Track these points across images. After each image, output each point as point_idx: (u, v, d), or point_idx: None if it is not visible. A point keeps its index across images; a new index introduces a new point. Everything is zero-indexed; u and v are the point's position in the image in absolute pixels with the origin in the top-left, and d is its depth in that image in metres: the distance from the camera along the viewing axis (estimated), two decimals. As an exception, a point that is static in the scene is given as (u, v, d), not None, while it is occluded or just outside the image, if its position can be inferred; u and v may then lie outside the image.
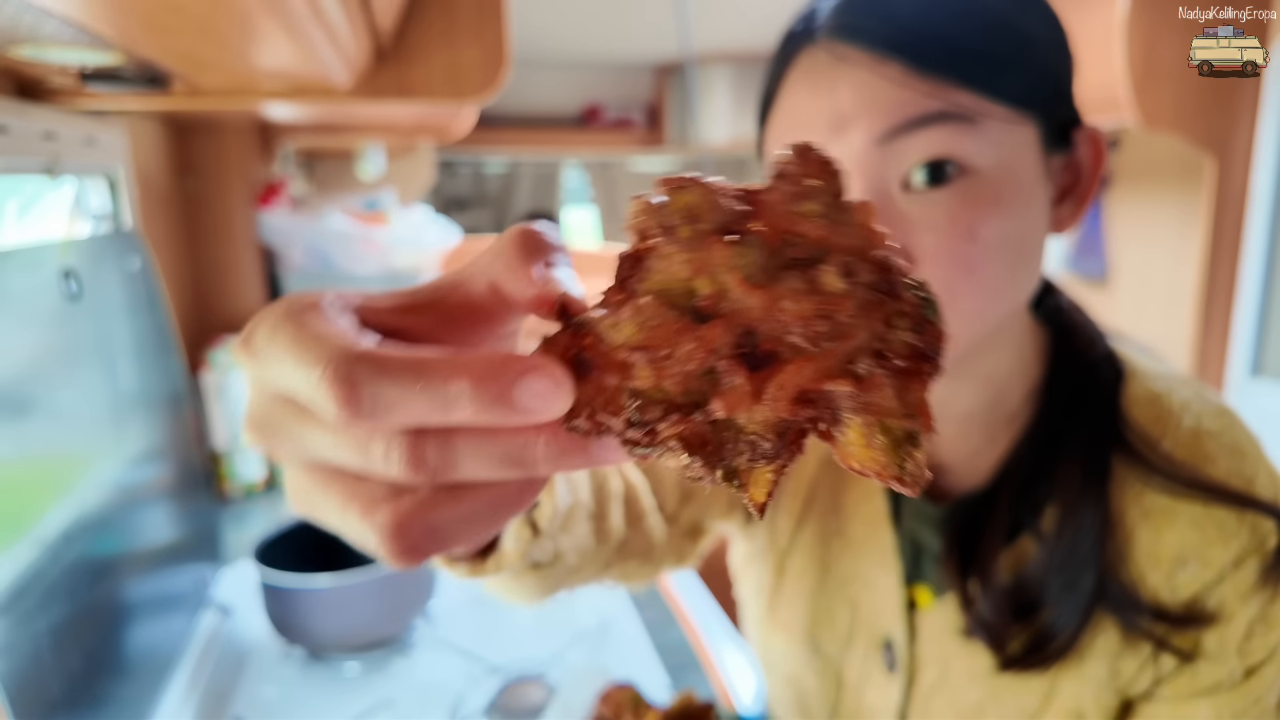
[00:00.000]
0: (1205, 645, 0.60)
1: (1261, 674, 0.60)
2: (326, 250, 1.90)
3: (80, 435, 0.92)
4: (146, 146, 1.62)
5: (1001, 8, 0.54)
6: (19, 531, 0.75)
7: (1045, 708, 0.63)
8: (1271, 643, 0.60)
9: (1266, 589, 0.59)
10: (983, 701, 0.65)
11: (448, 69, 1.24)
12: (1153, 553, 0.60)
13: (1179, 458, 0.61)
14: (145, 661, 0.98)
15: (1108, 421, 0.62)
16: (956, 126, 0.51)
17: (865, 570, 0.72)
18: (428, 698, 1.06)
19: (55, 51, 0.83)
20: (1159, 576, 0.60)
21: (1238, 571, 0.59)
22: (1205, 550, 0.59)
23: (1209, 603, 0.60)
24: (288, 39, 0.77)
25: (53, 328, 0.88)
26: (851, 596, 0.73)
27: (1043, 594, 0.61)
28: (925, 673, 0.69)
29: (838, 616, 0.75)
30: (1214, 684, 0.61)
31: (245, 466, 1.73)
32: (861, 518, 0.73)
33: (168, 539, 1.11)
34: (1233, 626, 0.59)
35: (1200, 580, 0.59)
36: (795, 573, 0.77)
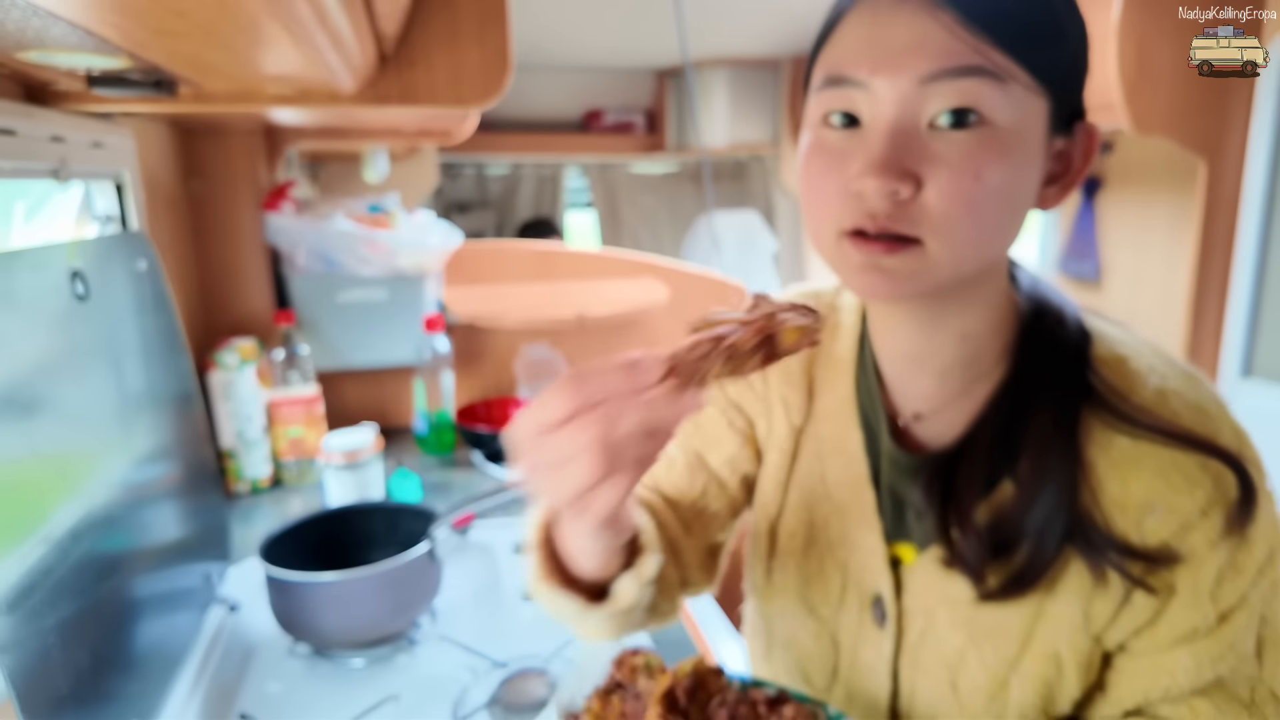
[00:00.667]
0: (1179, 591, 0.64)
1: (1234, 619, 0.64)
2: (331, 252, 1.91)
3: (88, 434, 0.93)
4: (153, 149, 1.64)
5: None
6: (27, 529, 0.76)
7: (1024, 652, 0.68)
8: (1241, 588, 0.64)
9: (1232, 537, 0.63)
10: (965, 649, 0.70)
11: (450, 74, 1.26)
12: (1120, 500, 0.64)
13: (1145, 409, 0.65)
14: (152, 658, 0.99)
15: (1077, 376, 0.67)
16: (988, 81, 0.57)
17: (851, 532, 0.77)
18: (432, 692, 1.06)
19: (62, 56, 0.84)
20: (1127, 522, 0.64)
21: (1205, 520, 0.63)
22: (1171, 498, 0.63)
23: (1179, 549, 0.63)
24: (293, 44, 0.78)
25: (61, 328, 0.89)
26: (841, 560, 0.78)
27: (1018, 533, 0.66)
28: (912, 626, 0.74)
29: (829, 579, 0.79)
30: (1191, 631, 0.65)
31: (252, 465, 1.75)
32: (844, 481, 0.78)
33: (176, 536, 1.12)
34: (1204, 573, 0.63)
35: (1167, 528, 0.63)
36: (785, 538, 0.83)
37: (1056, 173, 0.65)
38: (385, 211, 2.03)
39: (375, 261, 1.93)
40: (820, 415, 0.81)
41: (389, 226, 1.99)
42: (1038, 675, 0.69)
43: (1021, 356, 0.70)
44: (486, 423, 2.12)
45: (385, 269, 1.95)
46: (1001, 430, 0.68)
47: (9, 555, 0.72)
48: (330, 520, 1.28)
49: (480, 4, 1.24)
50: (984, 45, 0.57)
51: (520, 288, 2.35)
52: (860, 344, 0.80)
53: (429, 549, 1.15)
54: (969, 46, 0.57)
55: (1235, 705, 0.67)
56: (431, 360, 1.96)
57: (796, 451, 0.82)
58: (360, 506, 1.33)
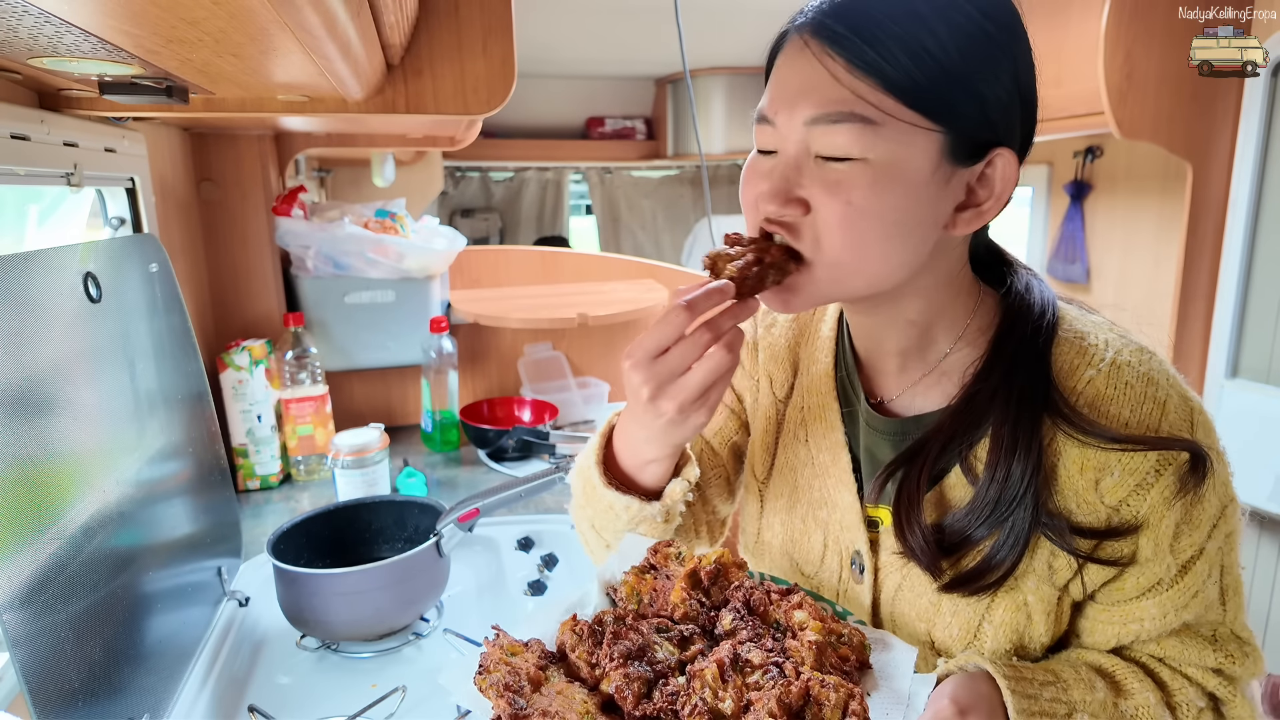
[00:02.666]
0: (1140, 548, 0.71)
1: (1194, 569, 0.72)
2: (340, 255, 1.93)
3: (101, 433, 0.94)
4: (165, 154, 1.66)
5: (946, 42, 0.65)
6: (41, 526, 0.77)
7: (994, 603, 0.75)
8: (1198, 540, 0.71)
9: (1186, 495, 0.69)
10: (939, 601, 0.77)
11: (456, 83, 1.28)
12: (1079, 463, 0.71)
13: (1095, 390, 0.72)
14: (164, 651, 1.00)
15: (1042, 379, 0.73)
16: (861, 126, 0.65)
17: (830, 493, 0.86)
18: (438, 685, 1.08)
19: (75, 63, 0.86)
20: (1086, 482, 0.70)
21: (1160, 479, 0.69)
22: (1126, 459, 0.69)
23: (1138, 509, 0.70)
24: (302, 53, 0.80)
25: (74, 329, 0.91)
26: (822, 519, 0.87)
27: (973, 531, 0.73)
28: (889, 580, 0.82)
29: (811, 537, 0.89)
30: (1155, 583, 0.72)
31: (262, 462, 1.77)
32: (824, 447, 0.87)
33: (187, 532, 1.14)
34: (1162, 529, 0.70)
35: (1125, 486, 0.69)
36: (772, 499, 0.93)
37: (967, 200, 0.71)
38: (392, 215, 2.05)
39: (383, 264, 1.96)
40: (803, 389, 0.91)
41: (396, 231, 2.02)
42: (1008, 623, 0.75)
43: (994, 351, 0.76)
44: (491, 421, 2.14)
45: (392, 272, 1.97)
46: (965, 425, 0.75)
47: (22, 552, 0.73)
48: (338, 516, 1.30)
49: (485, 15, 1.26)
50: (866, 88, 0.65)
51: (523, 289, 2.37)
52: (839, 326, 0.90)
53: (436, 544, 1.17)
54: (849, 93, 0.65)
55: (1199, 640, 0.75)
56: (437, 360, 1.98)
57: (781, 421, 0.93)
58: (368, 502, 1.35)
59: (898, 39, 0.64)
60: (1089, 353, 0.74)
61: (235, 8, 0.61)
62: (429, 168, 4.08)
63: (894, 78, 0.64)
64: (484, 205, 4.77)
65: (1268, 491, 1.94)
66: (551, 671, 0.74)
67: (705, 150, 4.13)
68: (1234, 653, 0.76)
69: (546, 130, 4.47)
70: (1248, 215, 1.99)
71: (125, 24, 0.67)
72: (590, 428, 2.18)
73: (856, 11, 0.66)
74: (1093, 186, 2.70)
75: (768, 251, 0.72)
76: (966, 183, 0.70)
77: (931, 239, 0.71)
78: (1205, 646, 0.75)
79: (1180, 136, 1.98)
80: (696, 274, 2.49)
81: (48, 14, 0.63)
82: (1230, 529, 0.74)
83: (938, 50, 0.64)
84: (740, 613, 0.76)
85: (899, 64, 0.64)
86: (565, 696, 0.70)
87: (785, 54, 0.71)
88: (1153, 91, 1.92)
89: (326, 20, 0.70)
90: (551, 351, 2.35)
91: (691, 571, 0.79)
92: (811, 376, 0.90)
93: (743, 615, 0.76)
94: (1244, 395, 2.01)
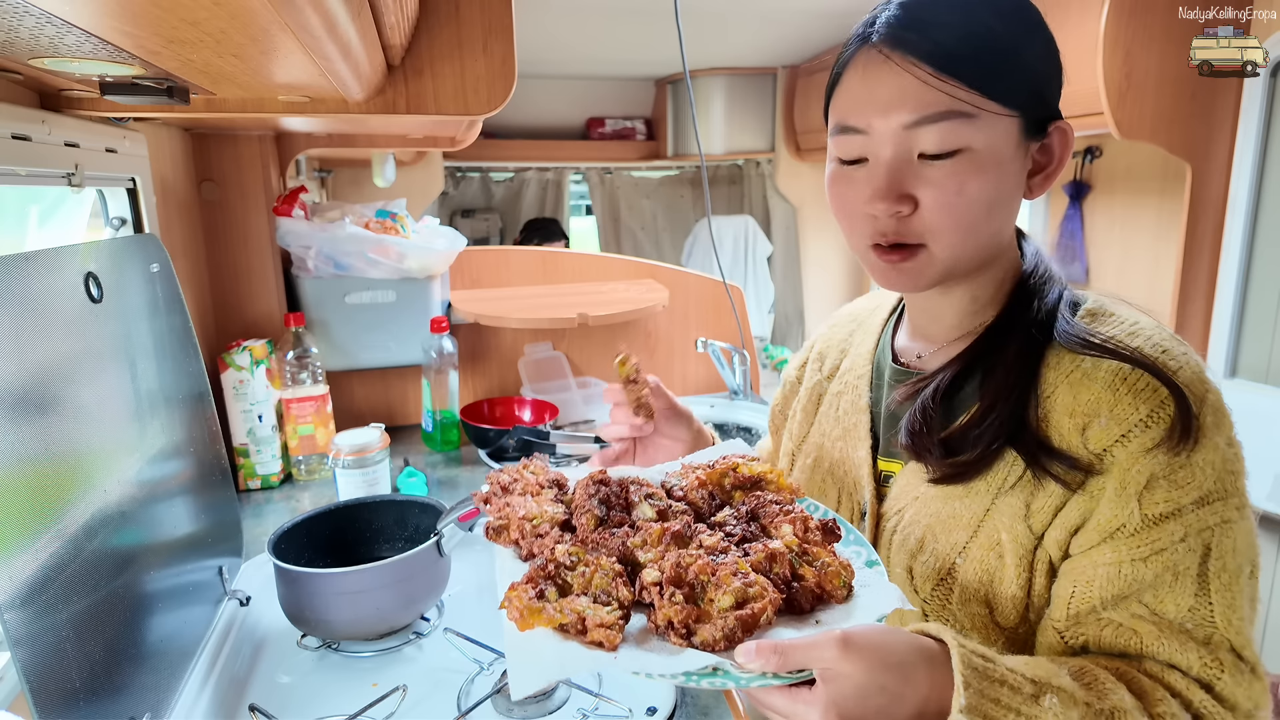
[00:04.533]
0: (1107, 490, 0.73)
1: (1165, 527, 0.71)
2: (341, 255, 1.93)
3: (103, 432, 0.94)
4: (166, 154, 1.66)
5: (1001, 32, 0.75)
6: (42, 526, 0.77)
7: (971, 541, 0.80)
8: (1178, 500, 0.71)
9: (1170, 451, 0.71)
10: (924, 538, 0.84)
11: (456, 83, 1.28)
12: (1070, 407, 0.75)
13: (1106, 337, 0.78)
14: (165, 651, 1.00)
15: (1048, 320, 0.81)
16: (960, 120, 0.73)
17: (849, 452, 0.96)
18: (438, 684, 1.08)
19: (76, 63, 0.86)
20: (1073, 426, 0.75)
21: (1145, 431, 0.72)
22: (1117, 407, 0.73)
23: (1117, 454, 0.72)
24: (303, 53, 0.80)
25: (75, 329, 0.91)
26: (839, 478, 0.97)
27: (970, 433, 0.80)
28: (888, 525, 0.89)
29: (829, 494, 0.98)
30: (1115, 528, 0.72)
31: (263, 462, 1.77)
32: (851, 411, 0.97)
33: (188, 532, 1.14)
34: (1132, 474, 0.72)
35: (1110, 435, 0.73)
36: (802, 459, 1.05)
37: (1039, 166, 0.81)
38: (393, 216, 2.05)
39: (383, 265, 1.96)
40: (845, 369, 1.02)
41: (397, 231, 2.02)
42: (980, 561, 0.80)
43: (1007, 307, 0.85)
44: (491, 421, 2.14)
45: (393, 272, 1.98)
46: (974, 357, 0.84)
47: (23, 551, 0.73)
48: (339, 515, 1.31)
49: (485, 15, 1.27)
50: (954, 89, 0.73)
51: (523, 289, 2.37)
52: (889, 315, 1.02)
53: (436, 543, 1.17)
54: (942, 93, 0.73)
55: (1181, 635, 0.70)
56: (438, 360, 1.98)
57: (823, 395, 1.05)
58: (368, 502, 1.35)
59: (970, 42, 0.73)
60: (1110, 321, 0.81)
61: (236, 8, 0.61)
62: (429, 168, 4.08)
63: (976, 75, 0.73)
64: (484, 206, 4.78)
65: (1267, 491, 1.94)
66: (547, 491, 0.85)
67: (705, 151, 4.13)
68: (1227, 665, 0.70)
69: (546, 131, 4.47)
70: (1247, 215, 1.99)
71: (126, 25, 0.67)
72: (590, 427, 2.18)
73: (928, 22, 0.75)
74: (1092, 187, 2.70)
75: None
76: (1032, 153, 0.80)
77: (1018, 206, 0.82)
78: (1190, 645, 0.70)
79: (1179, 137, 1.99)
80: (697, 274, 2.49)
81: (49, 15, 0.63)
82: (1230, 519, 0.72)
83: (1003, 47, 0.74)
84: (739, 514, 0.81)
85: (977, 63, 0.73)
86: (537, 505, 0.81)
87: (861, 67, 0.78)
88: (1152, 92, 1.92)
89: (327, 21, 0.71)
90: (551, 351, 2.36)
91: (722, 471, 0.86)
92: (855, 358, 1.02)
93: (741, 517, 0.80)
94: (1243, 395, 2.01)
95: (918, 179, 0.76)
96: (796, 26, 3.03)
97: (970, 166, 0.74)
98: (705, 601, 0.67)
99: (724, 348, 2.41)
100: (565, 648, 0.64)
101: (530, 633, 0.65)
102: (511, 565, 0.77)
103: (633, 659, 0.63)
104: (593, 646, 0.64)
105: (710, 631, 0.64)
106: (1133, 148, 2.50)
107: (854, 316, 1.08)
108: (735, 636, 0.64)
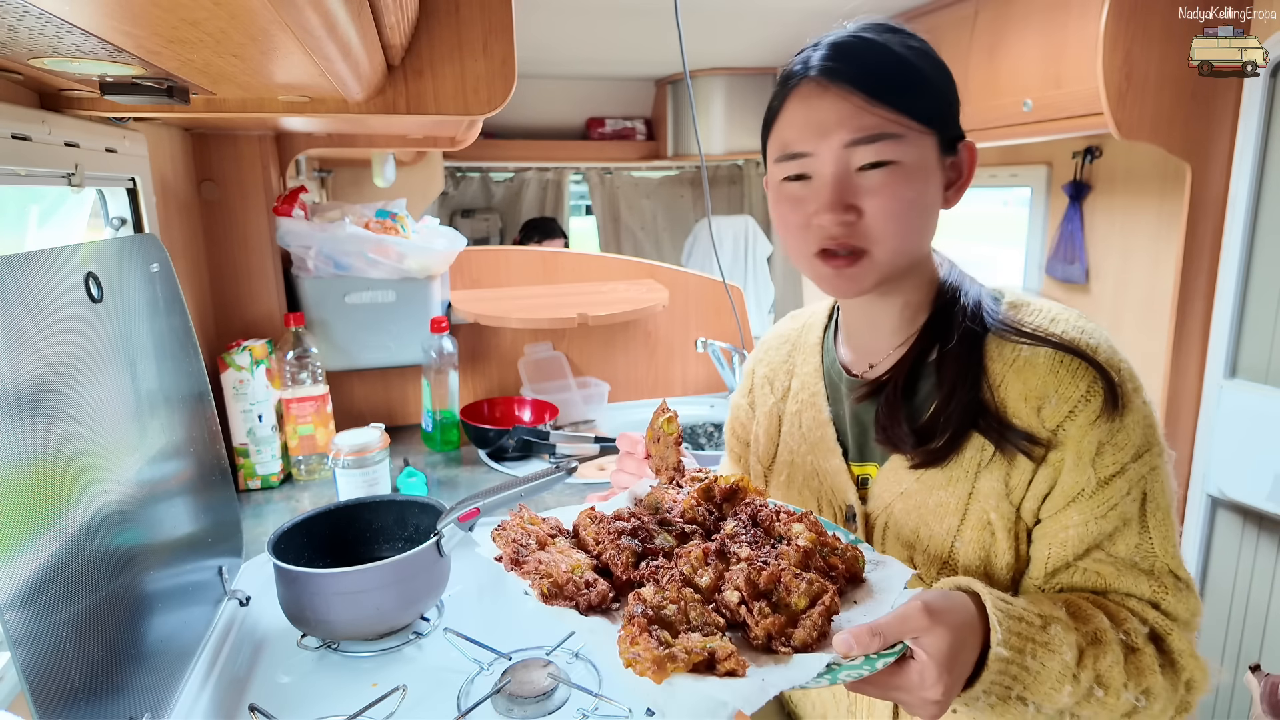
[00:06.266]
0: (1066, 461, 0.85)
1: (1114, 485, 0.84)
2: (341, 255, 1.93)
3: (103, 433, 0.94)
4: (166, 154, 1.66)
5: (916, 65, 0.87)
6: (43, 526, 0.77)
7: (963, 524, 0.90)
8: (1121, 460, 0.84)
9: (1109, 419, 0.84)
10: (918, 528, 0.93)
11: (456, 83, 1.28)
12: (1023, 394, 0.86)
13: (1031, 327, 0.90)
14: (165, 651, 1.00)
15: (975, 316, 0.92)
16: (891, 140, 0.85)
17: (821, 462, 1.03)
18: (438, 684, 1.08)
19: (76, 63, 0.86)
20: (1029, 409, 0.86)
21: (1087, 404, 0.84)
22: (1060, 389, 0.85)
23: (1068, 429, 0.84)
24: (303, 54, 0.80)
25: (75, 329, 0.91)
26: (814, 488, 1.04)
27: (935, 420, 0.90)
28: (878, 523, 0.97)
29: (808, 505, 1.04)
30: (1077, 493, 0.85)
31: (263, 462, 1.77)
32: (814, 425, 1.05)
33: (188, 532, 1.14)
34: (1085, 444, 0.84)
35: (1061, 412, 0.85)
36: (775, 476, 1.11)
37: (950, 180, 0.92)
38: (393, 216, 2.05)
39: (383, 265, 1.96)
40: (797, 389, 1.10)
41: (397, 231, 2.02)
42: (976, 540, 0.89)
43: (934, 310, 0.96)
44: (491, 421, 2.14)
45: (393, 272, 1.98)
46: (921, 352, 0.94)
47: (23, 551, 0.73)
48: (339, 515, 1.31)
49: (485, 15, 1.27)
50: (885, 113, 0.84)
51: (523, 289, 2.37)
52: (824, 333, 1.09)
53: (436, 543, 1.17)
54: (876, 118, 0.84)
55: (1135, 571, 0.86)
56: (438, 360, 1.98)
57: (782, 416, 1.11)
58: (368, 502, 1.35)
59: (893, 73, 0.86)
60: (1031, 313, 0.92)
61: (236, 8, 0.61)
62: (429, 168, 4.08)
63: (901, 100, 0.84)
64: (484, 206, 4.77)
65: (1267, 491, 1.94)
66: (559, 539, 0.86)
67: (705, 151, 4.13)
68: (1169, 586, 0.85)
69: (546, 131, 4.47)
70: (1247, 215, 1.99)
71: (126, 25, 0.67)
72: (590, 427, 2.18)
73: (856, 58, 0.86)
74: (1092, 187, 2.70)
75: None
76: (946, 168, 0.91)
77: (938, 214, 0.92)
78: (1140, 576, 0.85)
79: (1179, 137, 1.98)
80: (697, 274, 2.49)
81: (49, 15, 0.63)
82: (1156, 465, 0.86)
83: (919, 78, 0.87)
84: (744, 522, 0.86)
85: (901, 90, 0.85)
86: (564, 555, 0.81)
87: (801, 98, 0.88)
88: (1152, 92, 1.92)
89: (327, 21, 0.71)
90: (551, 351, 2.36)
91: (706, 486, 0.91)
92: (803, 376, 1.09)
93: (746, 525, 0.86)
94: (1243, 395, 2.01)
95: (859, 190, 0.86)
96: (796, 26, 3.03)
97: (902, 177, 0.85)
98: (784, 607, 0.73)
99: (724, 348, 2.41)
100: (705, 685, 0.65)
101: (667, 681, 0.66)
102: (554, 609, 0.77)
103: (770, 677, 0.66)
104: (726, 676, 0.66)
105: (804, 633, 0.70)
106: (1133, 148, 2.50)
107: (785, 338, 1.16)
108: (824, 631, 0.71)
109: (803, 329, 1.14)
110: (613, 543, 0.82)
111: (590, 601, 0.76)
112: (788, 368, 1.13)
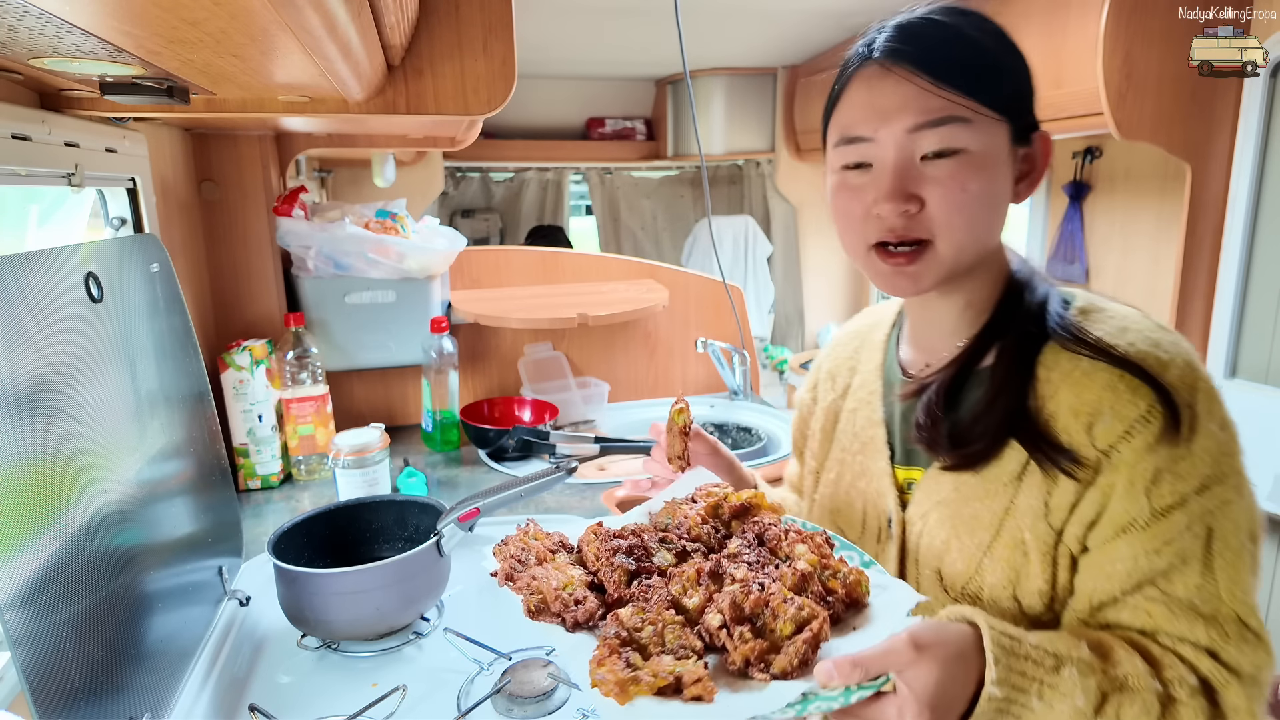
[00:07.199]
0: (1117, 487, 0.76)
1: (1172, 518, 0.75)
2: (341, 255, 1.93)
3: (103, 433, 0.94)
4: (166, 154, 1.66)
5: (987, 48, 0.83)
6: (43, 526, 0.77)
7: (995, 541, 0.84)
8: (1182, 491, 0.75)
9: (1170, 444, 0.75)
10: (949, 540, 0.87)
11: (456, 83, 1.28)
12: (1075, 407, 0.79)
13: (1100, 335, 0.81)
14: (165, 651, 1.00)
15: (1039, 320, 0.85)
16: (958, 125, 0.79)
17: (869, 464, 0.99)
18: (438, 684, 1.09)
19: (76, 63, 0.86)
20: (1079, 425, 0.78)
21: (1146, 426, 0.75)
22: (1118, 406, 0.77)
23: (1122, 450, 0.76)
24: (303, 54, 0.80)
25: (76, 329, 0.91)
26: (861, 489, 1.00)
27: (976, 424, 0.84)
28: (913, 530, 0.92)
29: (854, 506, 1.01)
30: (1127, 523, 0.76)
31: (263, 462, 1.77)
32: (867, 425, 1.01)
33: (188, 532, 1.14)
34: (1139, 470, 0.75)
35: (1115, 431, 0.76)
36: (825, 477, 1.07)
37: (1023, 173, 0.87)
38: (393, 216, 2.05)
39: (383, 265, 1.96)
40: (857, 386, 1.06)
41: (397, 231, 2.02)
42: (1006, 560, 0.83)
43: (1000, 305, 0.90)
44: (491, 421, 2.14)
45: (393, 272, 1.98)
46: (973, 354, 0.88)
47: (23, 551, 0.73)
48: (339, 515, 1.31)
49: (485, 16, 1.27)
50: (952, 96, 0.79)
51: (523, 290, 2.37)
52: (890, 330, 1.05)
53: (436, 543, 1.17)
54: (942, 100, 0.79)
55: (1190, 613, 0.75)
56: (438, 360, 1.98)
57: (839, 414, 1.07)
58: (368, 502, 1.35)
59: (962, 55, 0.81)
60: (1101, 319, 0.84)
61: (236, 8, 0.61)
62: (429, 168, 4.08)
63: (970, 84, 0.79)
64: (484, 206, 4.77)
65: (1267, 491, 1.94)
66: (560, 555, 0.86)
67: (705, 151, 4.13)
68: (1232, 635, 0.75)
69: (546, 131, 4.47)
70: (1246, 215, 1.99)
71: (126, 25, 0.67)
72: (590, 427, 2.18)
73: (923, 39, 0.82)
74: (1092, 187, 2.70)
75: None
76: (1019, 159, 0.85)
77: (1008, 208, 0.86)
78: (1198, 620, 0.75)
79: (1179, 137, 1.99)
80: (697, 274, 2.49)
81: (49, 15, 0.63)
82: (1229, 499, 0.76)
83: (990, 61, 0.82)
84: (749, 541, 0.84)
85: (970, 73, 0.80)
86: (561, 572, 0.82)
87: (864, 80, 0.84)
88: (1152, 92, 1.92)
89: (327, 21, 0.71)
90: (551, 351, 2.36)
91: (715, 503, 0.90)
92: (864, 374, 1.05)
93: (751, 544, 0.84)
94: (1243, 395, 2.01)
95: (922, 179, 0.81)
96: (796, 26, 3.03)
97: (969, 166, 0.80)
98: (768, 633, 0.71)
99: (724, 348, 2.41)
100: (668, 709, 0.65)
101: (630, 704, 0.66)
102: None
103: (734, 705, 0.66)
104: (691, 701, 0.66)
105: (785, 660, 0.68)
106: (1132, 148, 2.50)
107: (856, 334, 1.12)
108: (807, 659, 0.69)
109: (872, 326, 1.09)
110: (608, 560, 0.82)
111: (577, 619, 0.76)
112: (851, 364, 1.09)
